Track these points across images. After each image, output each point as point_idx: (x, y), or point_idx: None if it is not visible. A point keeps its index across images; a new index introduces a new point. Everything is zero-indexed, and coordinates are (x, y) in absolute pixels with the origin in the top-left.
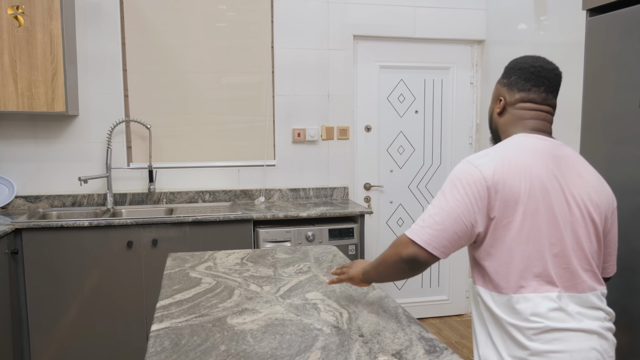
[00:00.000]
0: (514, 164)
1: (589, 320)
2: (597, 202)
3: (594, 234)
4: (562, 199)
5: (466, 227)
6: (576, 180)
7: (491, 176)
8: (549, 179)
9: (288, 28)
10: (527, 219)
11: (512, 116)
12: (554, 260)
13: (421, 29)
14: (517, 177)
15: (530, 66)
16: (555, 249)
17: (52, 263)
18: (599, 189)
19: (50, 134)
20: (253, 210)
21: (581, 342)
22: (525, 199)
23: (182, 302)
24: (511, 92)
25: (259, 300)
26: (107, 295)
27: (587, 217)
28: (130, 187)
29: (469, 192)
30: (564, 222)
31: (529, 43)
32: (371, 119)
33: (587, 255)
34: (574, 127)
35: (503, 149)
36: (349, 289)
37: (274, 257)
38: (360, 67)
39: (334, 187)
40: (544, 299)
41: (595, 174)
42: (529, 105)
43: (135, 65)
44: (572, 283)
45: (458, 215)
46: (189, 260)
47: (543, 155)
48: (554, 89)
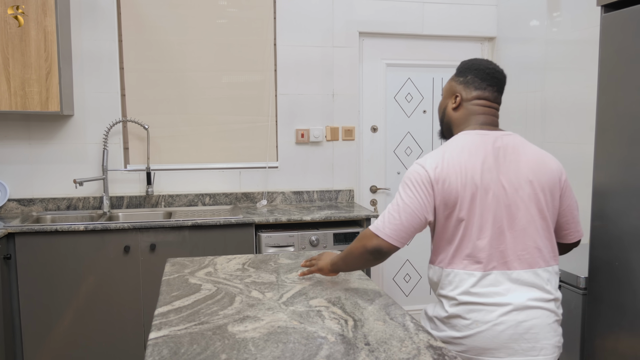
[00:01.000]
0: (453, 162)
1: (514, 295)
2: (538, 181)
3: (538, 211)
4: (498, 187)
5: (419, 220)
6: (513, 166)
7: (433, 173)
8: (485, 171)
9: (291, 24)
10: (462, 209)
11: (466, 111)
12: (484, 242)
13: (429, 26)
14: (454, 174)
15: (485, 67)
16: (488, 232)
17: (47, 269)
18: (539, 167)
19: (45, 135)
20: (255, 213)
21: (492, 315)
22: (462, 192)
23: (181, 309)
24: (467, 89)
25: (261, 307)
26: (104, 302)
27: (529, 198)
28: (128, 190)
29: (419, 189)
30: (499, 208)
31: (542, 40)
32: (377, 119)
33: (530, 233)
34: (588, 127)
35: (446, 148)
36: (355, 296)
37: (276, 263)
38: (366, 65)
39: (338, 190)
40: (469, 276)
41: (536, 155)
42: (483, 102)
43: (132, 64)
44: (504, 261)
45: (412, 211)
46: (189, 265)
47: (481, 150)
48: (502, 90)
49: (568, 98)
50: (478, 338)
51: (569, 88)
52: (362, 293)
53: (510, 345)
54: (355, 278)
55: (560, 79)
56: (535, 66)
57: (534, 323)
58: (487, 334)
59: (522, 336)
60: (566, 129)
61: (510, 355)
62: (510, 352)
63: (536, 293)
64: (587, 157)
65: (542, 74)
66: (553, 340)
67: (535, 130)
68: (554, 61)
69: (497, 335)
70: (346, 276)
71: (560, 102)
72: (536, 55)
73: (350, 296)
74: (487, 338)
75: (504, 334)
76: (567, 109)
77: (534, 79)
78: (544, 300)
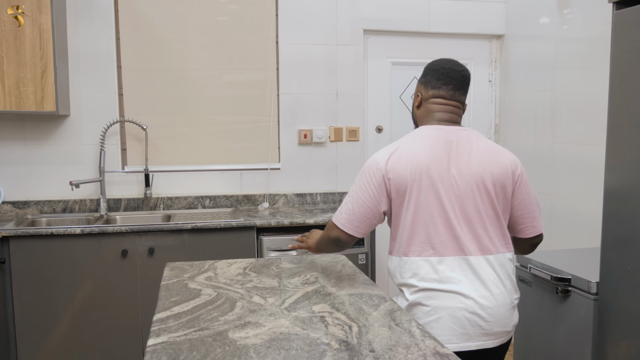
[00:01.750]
0: (404, 154)
1: (470, 281)
2: (487, 173)
3: (488, 201)
4: (448, 177)
5: (371, 210)
6: (465, 159)
7: (384, 166)
8: (435, 162)
9: (294, 22)
10: (412, 198)
11: (425, 109)
12: (437, 229)
13: (436, 23)
14: (404, 165)
15: (441, 68)
16: (439, 219)
17: (42, 273)
18: (490, 160)
19: (40, 135)
20: (256, 216)
21: (451, 301)
22: (411, 182)
23: (180, 315)
24: (426, 89)
25: (263, 313)
26: (101, 308)
27: (478, 188)
28: (125, 192)
29: (371, 182)
30: (449, 197)
31: (552, 38)
32: (383, 119)
33: (481, 221)
34: (600, 127)
35: (401, 141)
36: (359, 301)
37: (278, 267)
38: (370, 64)
39: (342, 192)
40: (425, 262)
41: (488, 149)
42: (439, 101)
43: (130, 62)
44: (458, 247)
45: (363, 201)
46: (188, 270)
47: (434, 142)
48: (461, 87)
49: (579, 97)
50: (438, 324)
51: (579, 87)
52: (367, 298)
53: (467, 330)
54: (360, 283)
55: (570, 78)
56: (545, 65)
57: (491, 309)
58: (446, 320)
59: (476, 322)
60: (577, 129)
61: (466, 340)
62: (466, 337)
63: (490, 279)
64: (598, 158)
65: (552, 72)
66: (508, 326)
67: (544, 130)
68: (565, 59)
69: (455, 321)
70: (350, 281)
71: (570, 102)
72: (546, 54)
73: (355, 301)
74: (446, 324)
75: (461, 319)
76: (577, 108)
77: (543, 77)
78: (498, 286)
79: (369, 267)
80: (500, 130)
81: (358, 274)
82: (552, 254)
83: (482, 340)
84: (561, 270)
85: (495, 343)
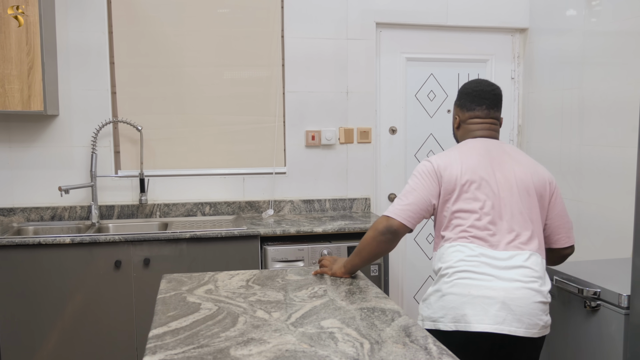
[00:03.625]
0: (454, 159)
1: (498, 272)
2: (528, 181)
3: (529, 205)
4: (495, 180)
5: (425, 201)
6: (507, 166)
7: (437, 166)
8: (482, 166)
9: (301, 14)
10: (460, 195)
11: (464, 130)
12: (477, 222)
13: (454, 16)
14: (455, 166)
15: (472, 90)
16: (480, 213)
17: (29, 286)
18: (531, 171)
19: (26, 137)
20: (260, 224)
21: (482, 287)
22: (461, 182)
23: (178, 330)
24: (462, 112)
25: (267, 328)
26: (92, 323)
27: (520, 192)
28: (119, 198)
29: (425, 177)
30: (492, 196)
31: (579, 32)
32: (397, 119)
33: (520, 221)
34: (631, 128)
35: (449, 150)
36: (371, 316)
37: (284, 279)
38: (384, 60)
39: (353, 199)
40: (464, 247)
41: (529, 162)
42: (476, 121)
43: (124, 58)
44: (495, 241)
45: (419, 193)
46: (186, 282)
47: (479, 151)
48: (494, 105)
49: (608, 96)
50: (471, 305)
51: (609, 85)
52: (380, 313)
53: (499, 313)
54: (372, 296)
55: (599, 75)
56: (571, 60)
57: (519, 299)
58: (479, 302)
59: (508, 307)
60: (606, 130)
61: (499, 323)
62: (499, 320)
63: (521, 273)
64: (629, 161)
65: (580, 69)
66: (539, 320)
67: (571, 131)
68: (593, 55)
69: (488, 302)
70: (362, 294)
71: (599, 101)
72: (573, 49)
73: (366, 316)
74: (478, 305)
75: (493, 303)
76: (607, 108)
77: (570, 74)
78: (528, 282)
79: (382, 280)
80: (524, 132)
81: (370, 287)
82: (580, 265)
83: (514, 327)
84: (589, 282)
85: (527, 333)
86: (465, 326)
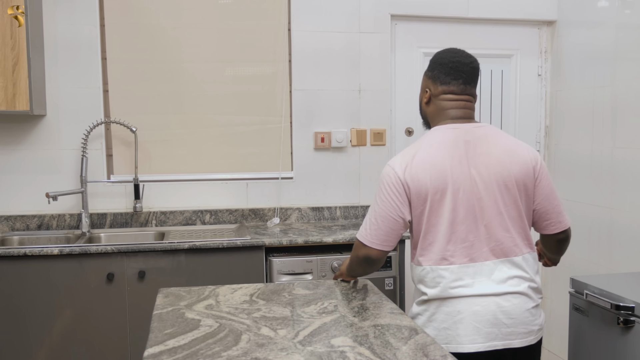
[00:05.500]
0: (422, 160)
1: (485, 286)
2: (508, 172)
3: (511, 201)
4: (469, 180)
5: (396, 221)
6: (484, 159)
7: (402, 174)
8: (455, 166)
9: (309, 5)
10: (433, 205)
11: (436, 106)
12: (457, 236)
13: (476, 7)
14: (423, 172)
15: (449, 61)
16: (460, 226)
17: (14, 301)
18: (510, 158)
19: (11, 139)
20: (265, 234)
21: (471, 304)
22: (432, 189)
23: (176, 349)
24: (435, 84)
25: (273, 347)
26: (83, 341)
27: (499, 189)
28: (111, 206)
29: (391, 193)
30: (470, 201)
31: (612, 24)
32: (413, 119)
33: (503, 223)
34: None
35: (418, 146)
36: (386, 334)
37: (291, 294)
38: (399, 55)
39: (366, 206)
40: (444, 271)
41: (508, 145)
42: (450, 97)
43: (117, 53)
44: (479, 253)
45: (387, 214)
46: (185, 297)
47: (451, 144)
48: (472, 80)
49: None
50: (462, 325)
51: None
52: (395, 330)
53: (491, 329)
54: (387, 312)
55: (634, 71)
56: (603, 56)
57: (510, 312)
58: (470, 320)
59: (500, 321)
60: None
61: (492, 339)
62: (492, 336)
63: (510, 282)
64: None
65: (612, 65)
66: (533, 326)
67: (603, 132)
68: (627, 50)
69: (479, 320)
70: (375, 310)
71: (634, 99)
72: (605, 43)
73: (381, 334)
74: (470, 324)
75: (484, 319)
76: None
77: (602, 71)
78: (518, 288)
79: (398, 294)
80: (552, 133)
81: (385, 302)
82: (613, 278)
83: (508, 339)
84: (623, 297)
85: (523, 343)
86: (457, 347)
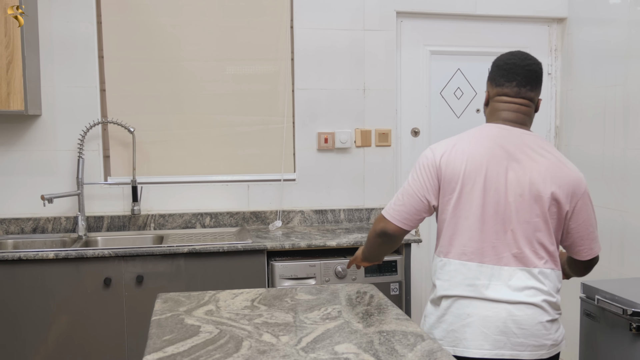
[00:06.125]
0: (461, 150)
1: (499, 291)
2: (547, 188)
3: (541, 214)
4: (504, 182)
5: (421, 201)
6: (525, 165)
7: (439, 158)
8: (493, 164)
9: (312, 2)
10: (462, 197)
11: (492, 108)
12: (480, 234)
13: (484, 4)
14: (460, 161)
15: (504, 63)
16: (485, 224)
17: (8, 306)
18: (554, 173)
19: (5, 140)
20: (267, 238)
21: (482, 308)
22: (463, 180)
23: (175, 356)
24: (491, 86)
25: (275, 354)
26: (79, 347)
27: (533, 200)
28: (108, 209)
29: (423, 173)
30: (498, 202)
31: (624, 22)
32: (420, 119)
33: (528, 233)
34: None
35: (460, 137)
36: (391, 340)
37: (293, 299)
38: (405, 53)
39: (371, 209)
40: (462, 266)
41: (555, 161)
42: (503, 99)
43: (114, 51)
44: (498, 256)
45: (414, 192)
46: (184, 302)
47: (494, 143)
48: (527, 83)
49: None
50: (470, 329)
51: None
52: (401, 336)
53: (499, 337)
54: (392, 318)
55: None
56: (615, 54)
57: (521, 322)
58: (478, 325)
59: (510, 330)
60: None
61: (499, 348)
62: (499, 345)
63: (526, 292)
64: None
65: (624, 63)
66: (545, 340)
67: (615, 132)
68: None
69: (488, 326)
70: (380, 316)
71: None
72: (617, 40)
73: (386, 340)
74: (477, 329)
75: (492, 326)
76: None
77: (613, 69)
78: (533, 299)
79: (404, 299)
80: (562, 133)
81: (390, 307)
82: (625, 283)
83: (517, 350)
84: (635, 302)
85: (532, 356)
86: (463, 351)
